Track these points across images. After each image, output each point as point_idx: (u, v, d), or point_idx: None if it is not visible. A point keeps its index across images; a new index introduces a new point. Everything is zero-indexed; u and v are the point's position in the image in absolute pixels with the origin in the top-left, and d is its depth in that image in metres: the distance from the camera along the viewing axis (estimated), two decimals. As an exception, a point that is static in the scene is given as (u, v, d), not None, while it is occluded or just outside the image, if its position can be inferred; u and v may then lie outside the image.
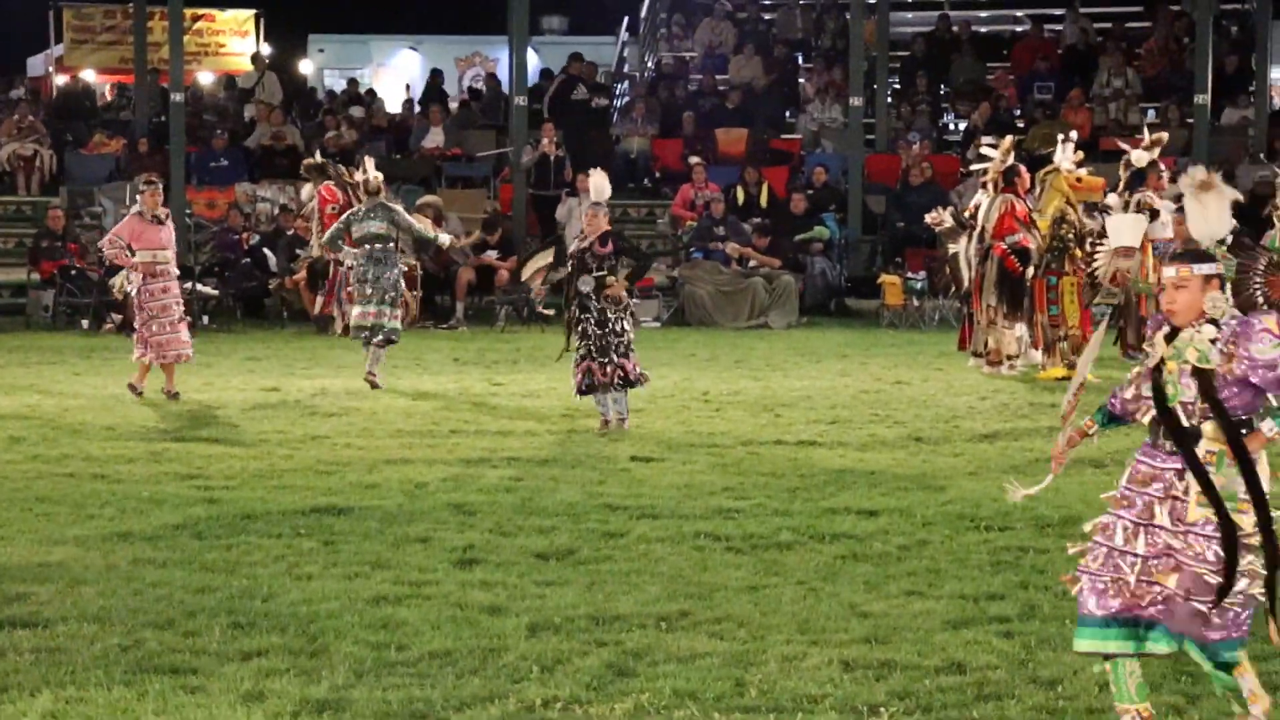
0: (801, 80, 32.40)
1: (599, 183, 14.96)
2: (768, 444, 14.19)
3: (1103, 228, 17.77)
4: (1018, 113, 30.52)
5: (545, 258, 15.29)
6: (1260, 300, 17.21)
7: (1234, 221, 7.26)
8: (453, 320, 24.48)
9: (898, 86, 32.34)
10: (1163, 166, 18.11)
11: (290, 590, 9.31)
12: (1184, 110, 28.37)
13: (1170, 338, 6.93)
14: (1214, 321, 6.84)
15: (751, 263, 25.11)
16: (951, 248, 19.29)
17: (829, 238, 26.21)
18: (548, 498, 11.89)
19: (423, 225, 18.34)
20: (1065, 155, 18.69)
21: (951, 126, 31.72)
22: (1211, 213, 7.03)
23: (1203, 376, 6.83)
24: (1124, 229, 14.99)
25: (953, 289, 20.15)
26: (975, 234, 18.87)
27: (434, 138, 30.40)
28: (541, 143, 27.67)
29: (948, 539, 10.66)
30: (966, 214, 19.41)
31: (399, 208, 18.42)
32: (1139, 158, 17.96)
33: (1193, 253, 6.93)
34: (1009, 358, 18.85)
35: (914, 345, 21.65)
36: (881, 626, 8.64)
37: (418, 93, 34.43)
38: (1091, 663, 8.00)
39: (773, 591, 9.35)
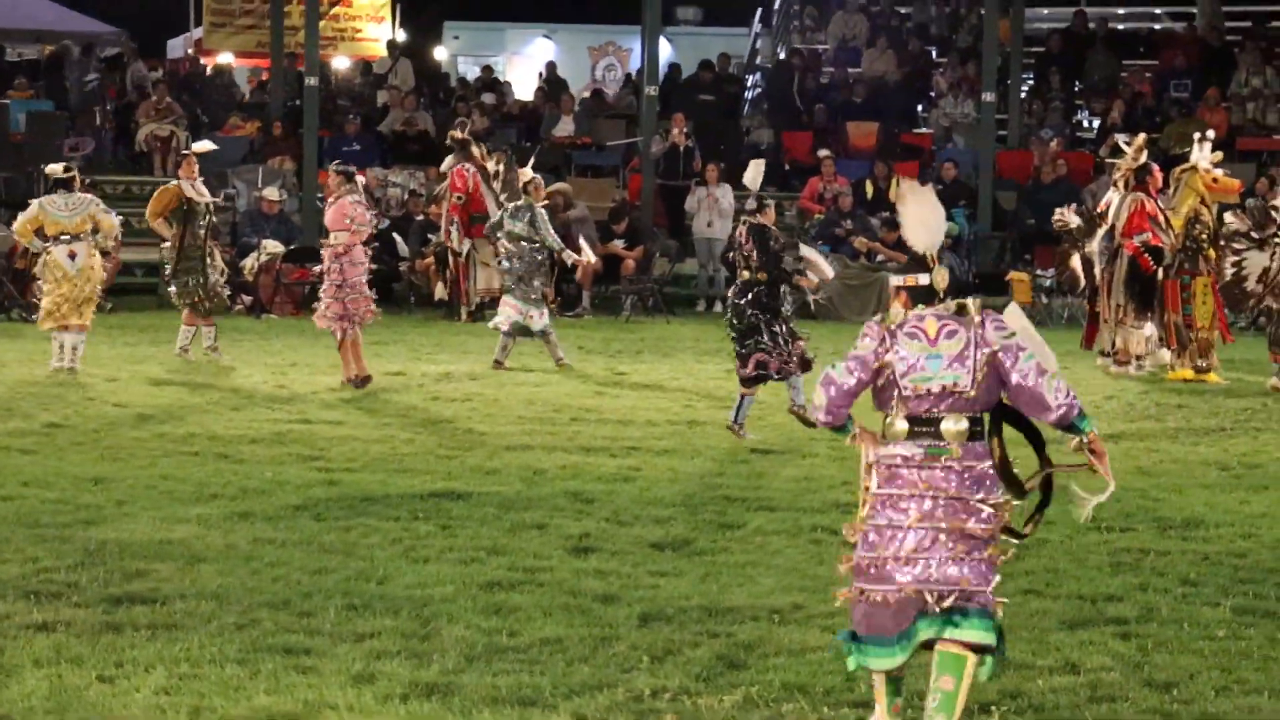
0: (934, 75, 32.17)
1: (756, 175, 14.66)
2: (889, 440, 14.07)
3: (1256, 227, 17.45)
4: (1153, 110, 30.16)
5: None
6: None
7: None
8: (579, 308, 24.51)
9: (1032, 82, 32.04)
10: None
11: (405, 573, 9.36)
12: (1324, 111, 27.98)
13: None
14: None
15: (879, 257, 24.98)
16: (1085, 245, 19.08)
17: (958, 233, 25.98)
18: (665, 488, 11.89)
19: (554, 239, 18.44)
20: (1202, 154, 18.44)
21: (1085, 124, 31.37)
22: (929, 218, 7.16)
23: None
24: None
25: (1078, 287, 19.94)
26: (1105, 232, 18.67)
27: (564, 126, 30.45)
28: (671, 133, 27.64)
29: (1067, 539, 10.55)
30: (1098, 211, 19.21)
31: (542, 213, 18.52)
32: None
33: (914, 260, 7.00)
34: (1137, 358, 18.65)
35: (1041, 343, 21.43)
36: (996, 625, 8.56)
37: (552, 81, 34.50)
38: (1209, 667, 7.92)
39: (888, 587, 9.27)
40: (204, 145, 19.35)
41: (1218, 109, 29.09)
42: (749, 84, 34.08)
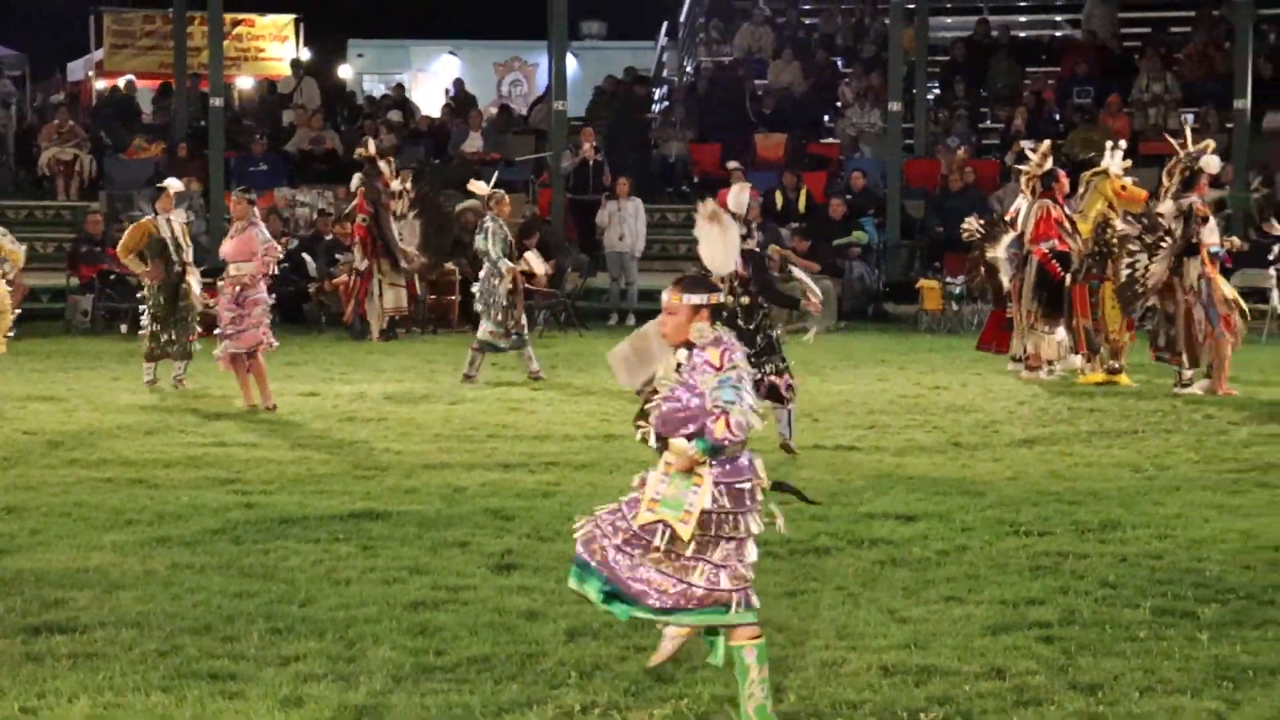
0: (841, 85, 32.33)
1: (742, 198, 14.65)
2: (806, 449, 14.14)
3: (1141, 234, 17.64)
4: (1057, 117, 30.43)
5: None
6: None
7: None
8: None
9: (937, 91, 32.27)
10: (1208, 173, 17.95)
11: (328, 595, 9.31)
12: (1223, 115, 28.24)
13: None
14: (690, 346, 7.09)
15: (791, 267, 25.03)
16: (990, 252, 19.23)
17: (867, 242, 26.16)
18: (586, 502, 11.77)
19: (494, 251, 18.44)
20: (1114, 160, 18.58)
21: (990, 131, 31.63)
22: (724, 244, 7.38)
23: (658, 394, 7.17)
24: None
25: (988, 293, 20.09)
26: (1013, 238, 18.82)
27: (473, 142, 30.44)
28: (582, 147, 27.66)
29: (987, 544, 10.63)
30: (1007, 218, 19.36)
31: (491, 226, 18.56)
32: (1211, 164, 17.71)
33: (690, 281, 7.16)
34: (1048, 362, 18.79)
35: (952, 350, 21.58)
36: (921, 632, 8.62)
37: (458, 97, 34.46)
38: (1132, 669, 7.98)
39: (811, 597, 9.32)
40: (175, 184, 19.06)
41: (1119, 115, 29.38)
42: (657, 97, 34.15)
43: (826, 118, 32.28)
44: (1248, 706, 7.48)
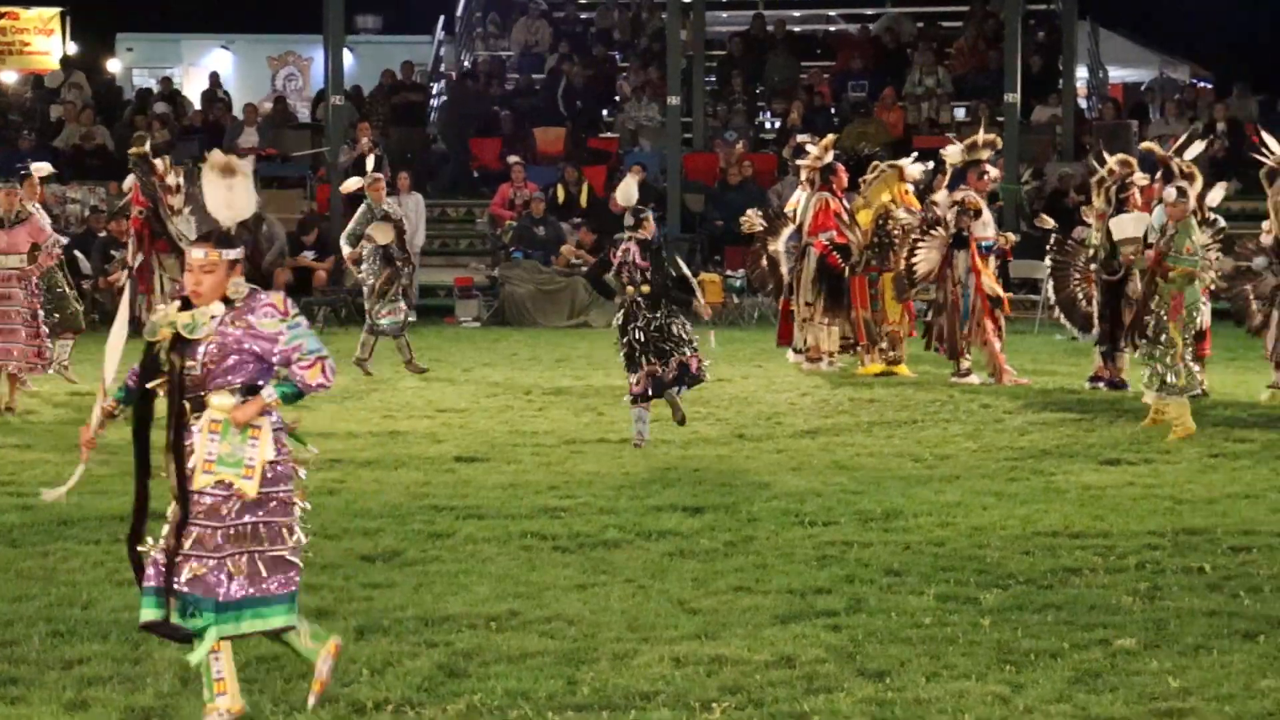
0: (619, 79, 32.43)
1: (630, 190, 14.60)
2: (591, 442, 14.18)
3: (921, 225, 17.94)
4: (833, 111, 30.77)
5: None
6: (1080, 296, 17.54)
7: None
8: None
9: (714, 85, 32.47)
10: (985, 166, 18.29)
11: (111, 597, 9.14)
12: (994, 109, 28.73)
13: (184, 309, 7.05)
14: (229, 301, 7.02)
15: (575, 261, 25.09)
16: (771, 245, 19.42)
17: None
18: (372, 500, 11.80)
19: (344, 235, 18.56)
20: (917, 167, 18.83)
21: (768, 125, 31.91)
22: (235, 196, 7.14)
23: (181, 343, 7.03)
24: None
25: (769, 286, 20.27)
26: (793, 230, 19.01)
27: (248, 138, 30.07)
28: (359, 142, 27.44)
29: (773, 534, 10.72)
30: (787, 210, 19.56)
31: (359, 211, 18.51)
32: (953, 155, 18.14)
33: (220, 236, 7.07)
34: (828, 354, 18.99)
35: (734, 343, 21.71)
36: (711, 622, 8.67)
37: (231, 92, 34.02)
38: (919, 655, 8.09)
39: (601, 590, 9.34)
40: (43, 167, 18.57)
41: (894, 108, 29.79)
42: (434, 92, 34.01)
43: (605, 112, 32.35)
44: (1030, 689, 7.61)
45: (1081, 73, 32.91)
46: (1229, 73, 33.74)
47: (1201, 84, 36.15)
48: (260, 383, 7.10)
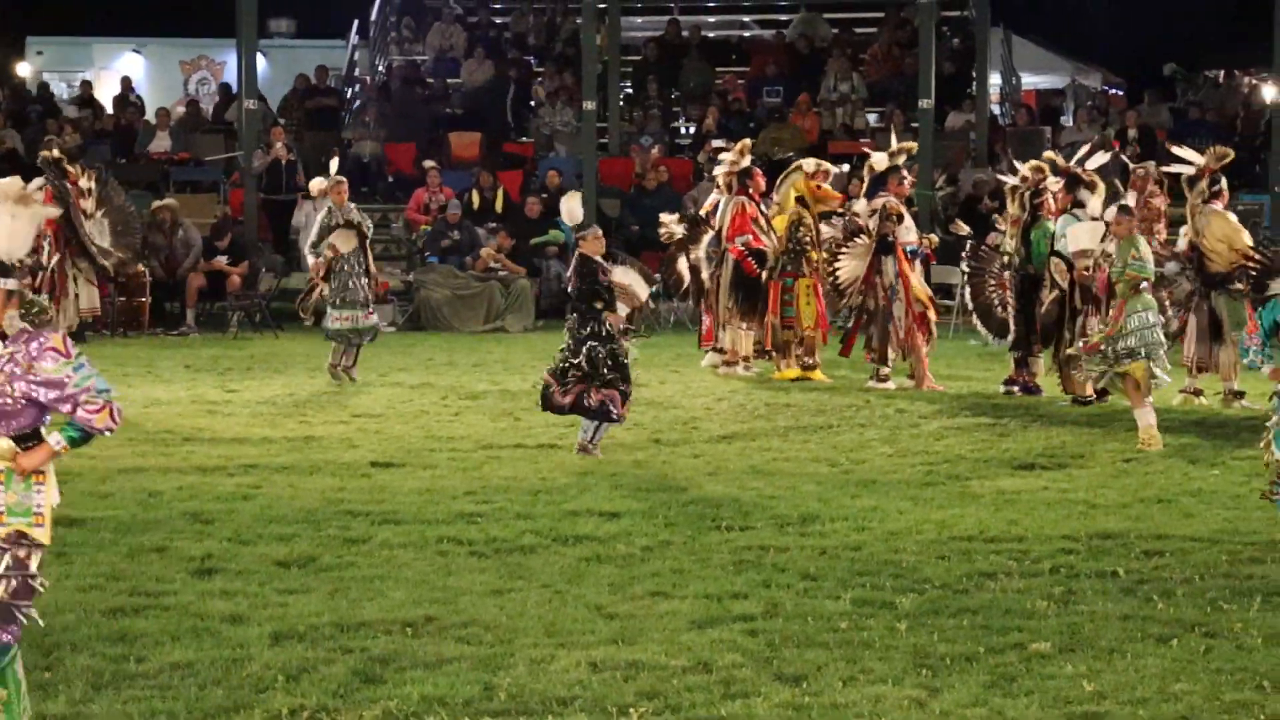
0: (534, 84, 32.39)
1: (573, 207, 14.49)
2: (508, 447, 14.15)
3: (843, 234, 17.99)
4: (748, 116, 30.84)
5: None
6: (996, 302, 17.65)
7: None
8: (183, 327, 24.05)
9: (630, 90, 32.49)
10: (904, 172, 18.39)
11: (20, 605, 9.04)
12: (908, 115, 28.87)
13: None
14: (2, 335, 6.75)
15: (493, 265, 25.03)
16: (693, 253, 19.44)
17: (564, 241, 26.23)
18: (286, 505, 11.74)
19: (308, 241, 18.46)
20: (812, 160, 18.88)
21: (683, 130, 31.96)
22: (17, 229, 6.78)
23: None
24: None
25: (683, 289, 20.30)
26: (713, 236, 19.05)
27: (161, 142, 29.87)
28: (273, 147, 27.31)
29: (690, 539, 10.73)
30: (704, 213, 19.59)
31: (319, 216, 18.49)
32: (879, 161, 18.21)
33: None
34: (745, 359, 19.03)
35: (650, 347, 21.62)
36: (628, 627, 8.66)
37: (144, 96, 33.79)
38: (835, 659, 8.11)
39: (518, 595, 9.32)
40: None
41: (809, 114, 29.88)
42: (349, 96, 33.88)
43: (520, 117, 32.28)
44: (946, 693, 7.64)
45: (995, 79, 33.12)
46: (1140, 80, 34.06)
47: (1113, 91, 36.47)
48: (40, 426, 6.82)
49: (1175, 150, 16.25)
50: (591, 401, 13.59)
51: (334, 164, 18.96)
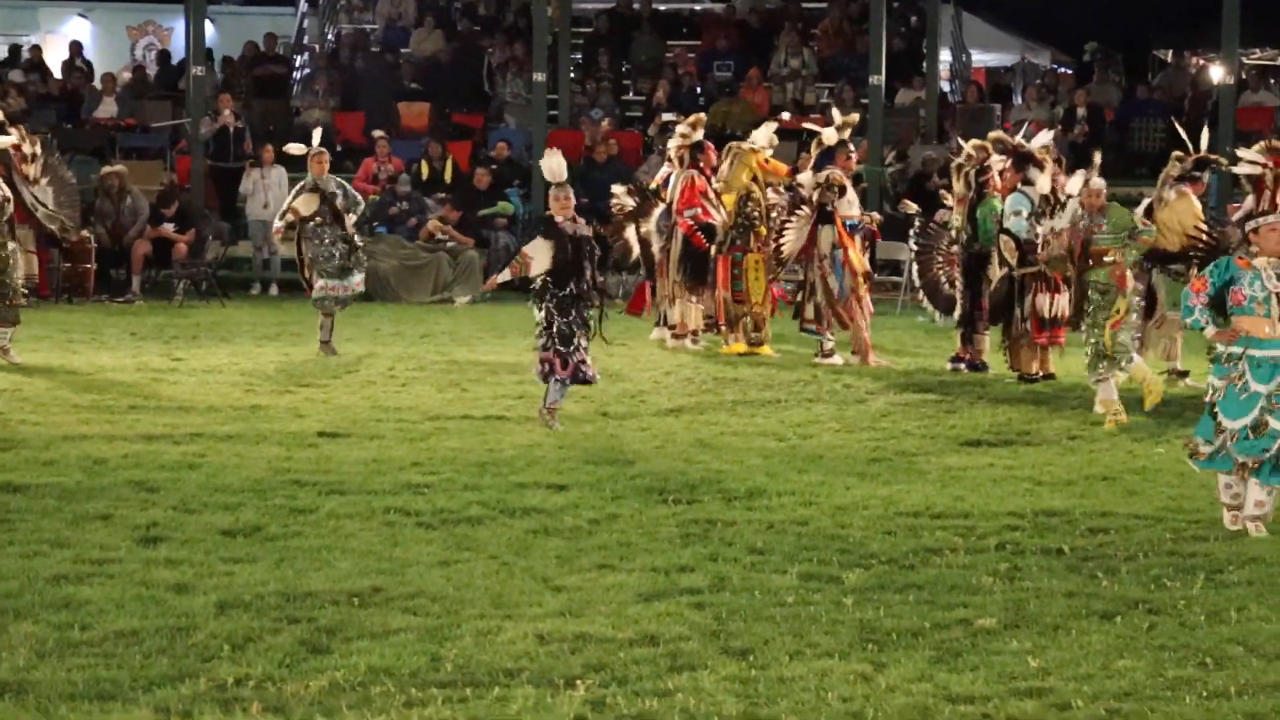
0: (485, 55, 32.27)
1: (555, 164, 14.45)
2: (455, 419, 14.13)
3: (789, 205, 18.00)
4: (698, 90, 30.81)
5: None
6: (943, 279, 17.69)
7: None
8: (129, 294, 23.93)
9: (581, 62, 32.41)
10: (851, 147, 18.41)
11: (-38, 574, 9.01)
12: (858, 91, 28.88)
13: None
14: None
15: (440, 236, 24.96)
16: (644, 227, 19.42)
17: (513, 213, 26.19)
18: (233, 474, 11.70)
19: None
20: (764, 133, 18.89)
21: (634, 103, 31.89)
22: None
23: None
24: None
25: (632, 264, 20.29)
26: (664, 209, 19.03)
27: (107, 108, 29.68)
28: (221, 114, 27.17)
29: (637, 512, 10.73)
30: (654, 185, 19.57)
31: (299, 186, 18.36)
32: (829, 136, 18.20)
33: None
34: (693, 332, 19.04)
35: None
36: (575, 600, 8.66)
37: (91, 61, 33.53)
38: (782, 633, 8.12)
39: (465, 566, 9.31)
40: (5, 140, 18.19)
41: (759, 88, 29.86)
42: (298, 64, 33.72)
43: (471, 88, 32.16)
44: (892, 668, 7.67)
45: (945, 56, 33.14)
46: (1089, 58, 34.12)
47: (1063, 69, 36.54)
48: None
49: (1241, 154, 16.17)
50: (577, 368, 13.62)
51: (316, 134, 18.79)
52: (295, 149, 18.73)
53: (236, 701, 7.10)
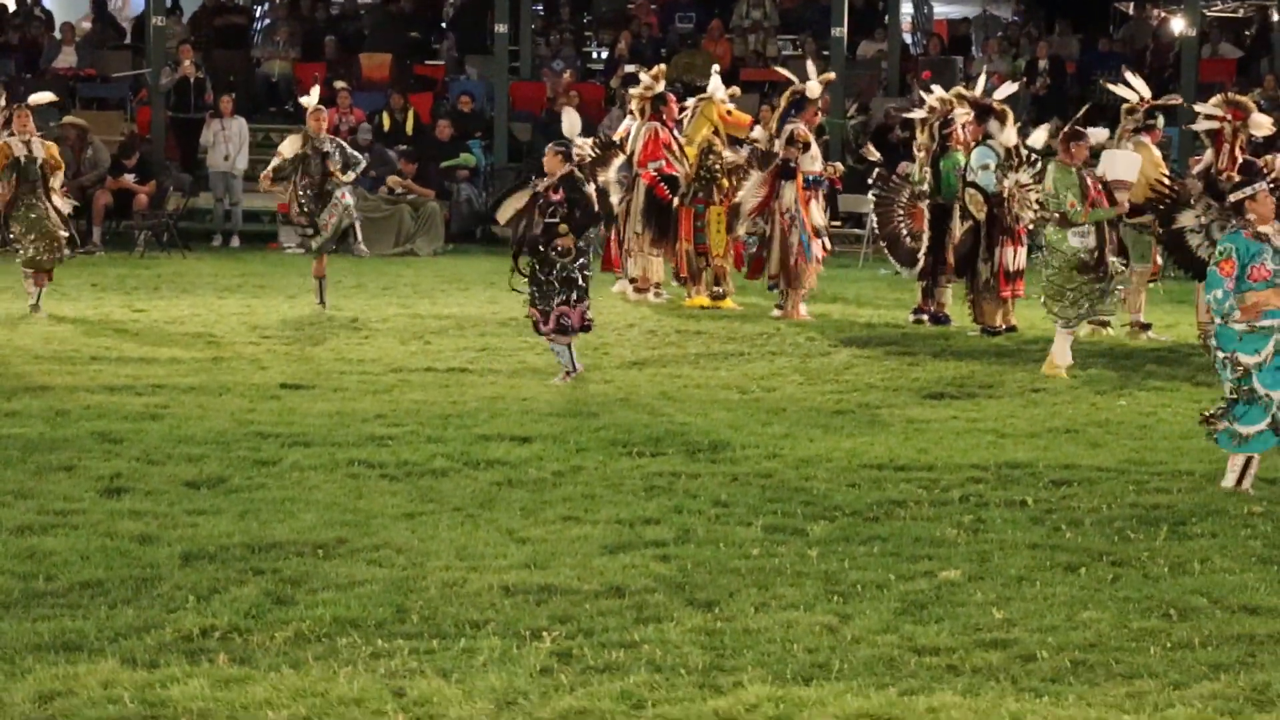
0: (445, 5, 32.13)
1: (573, 120, 14.29)
2: (418, 371, 14.11)
3: (748, 160, 17.98)
4: (660, 42, 30.72)
5: (522, 199, 14.06)
6: (905, 231, 17.69)
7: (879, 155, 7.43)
8: (89, 245, 23.79)
9: (542, 13, 32.29)
10: (819, 103, 18.35)
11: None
12: (820, 43, 28.82)
13: None
14: None
15: (399, 190, 24.86)
16: (601, 176, 19.34)
17: (475, 165, 26.12)
18: (196, 425, 11.67)
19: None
20: (718, 85, 18.87)
21: (595, 55, 31.79)
22: None
23: None
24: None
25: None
26: (623, 161, 18.96)
27: (66, 58, 29.47)
28: (181, 64, 27.01)
29: (601, 464, 10.74)
30: (617, 138, 19.50)
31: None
32: (814, 89, 18.02)
33: None
34: (655, 285, 19.01)
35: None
36: (540, 552, 8.68)
37: (50, 10, 33.28)
38: (747, 585, 8.14)
39: (430, 518, 9.32)
40: (42, 96, 18.05)
41: (721, 40, 29.79)
42: (258, 15, 33.52)
43: (432, 38, 32.03)
44: (857, 619, 7.70)
45: (907, 8, 33.08)
46: (1048, 11, 34.07)
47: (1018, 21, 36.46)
48: None
49: (1199, 108, 16.17)
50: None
51: (314, 91, 18.72)
52: (307, 101, 18.67)
53: (203, 652, 7.10)
